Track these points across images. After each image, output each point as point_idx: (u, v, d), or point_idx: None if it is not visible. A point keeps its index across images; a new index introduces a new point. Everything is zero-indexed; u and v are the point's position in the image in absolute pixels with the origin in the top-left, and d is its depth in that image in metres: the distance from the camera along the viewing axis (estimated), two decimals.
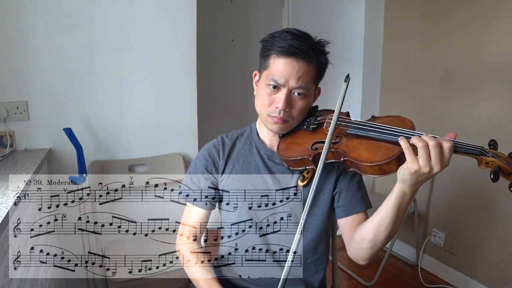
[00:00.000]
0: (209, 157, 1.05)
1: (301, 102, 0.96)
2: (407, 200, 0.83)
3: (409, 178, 0.78)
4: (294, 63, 0.91)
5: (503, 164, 0.75)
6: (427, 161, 0.75)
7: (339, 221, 1.01)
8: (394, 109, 2.45)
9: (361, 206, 0.99)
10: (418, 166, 0.76)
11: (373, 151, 0.84)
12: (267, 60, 0.95)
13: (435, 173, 0.77)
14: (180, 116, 1.88)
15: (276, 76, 0.93)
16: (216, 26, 3.06)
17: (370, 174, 0.84)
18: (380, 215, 0.86)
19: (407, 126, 0.86)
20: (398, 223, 0.86)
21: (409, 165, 0.76)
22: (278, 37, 0.93)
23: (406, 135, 0.81)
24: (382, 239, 0.87)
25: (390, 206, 0.83)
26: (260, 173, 1.03)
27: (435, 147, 0.75)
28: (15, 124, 1.59)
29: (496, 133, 1.85)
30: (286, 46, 0.91)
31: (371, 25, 2.43)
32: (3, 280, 0.91)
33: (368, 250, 0.90)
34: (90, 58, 1.67)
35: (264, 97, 0.96)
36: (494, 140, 0.80)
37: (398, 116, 0.91)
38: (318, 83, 1.00)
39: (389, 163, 0.81)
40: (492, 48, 1.86)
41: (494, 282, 1.94)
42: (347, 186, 1.00)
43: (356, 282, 2.19)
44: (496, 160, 0.76)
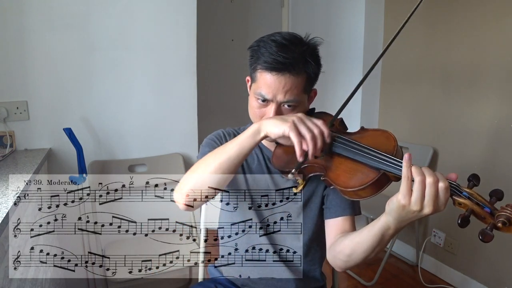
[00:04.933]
0: (224, 139, 1.04)
1: (292, 113, 0.93)
2: (390, 234, 0.78)
3: (396, 212, 0.72)
4: (281, 77, 0.87)
5: (477, 208, 0.67)
6: (419, 199, 0.68)
7: (325, 222, 1.00)
8: (394, 109, 2.45)
9: (346, 210, 0.97)
10: (408, 201, 0.69)
11: (350, 174, 0.81)
12: (254, 73, 0.93)
13: (425, 214, 0.70)
14: (180, 116, 1.88)
15: (263, 91, 0.90)
16: (216, 26, 3.07)
17: (348, 197, 0.82)
18: (360, 238, 0.83)
19: (391, 145, 0.81)
20: (376, 251, 0.82)
21: (399, 198, 0.70)
22: (264, 47, 0.89)
23: (385, 162, 0.76)
24: (358, 259, 0.85)
25: (372, 234, 0.79)
26: (262, 171, 1.03)
27: (433, 185, 0.68)
28: (15, 124, 1.59)
29: (496, 134, 1.85)
30: (270, 60, 0.87)
31: (371, 25, 2.43)
32: (3, 280, 0.91)
33: (342, 262, 0.89)
34: (90, 58, 1.67)
35: (255, 110, 0.94)
36: (475, 175, 0.71)
37: (384, 131, 0.87)
38: (310, 91, 0.97)
39: (364, 189, 0.77)
40: (492, 48, 1.86)
41: (494, 282, 1.94)
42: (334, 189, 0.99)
43: (356, 282, 2.19)
44: (468, 203, 0.68)
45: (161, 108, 1.84)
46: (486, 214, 0.67)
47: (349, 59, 2.54)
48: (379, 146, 0.81)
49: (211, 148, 0.97)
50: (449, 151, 2.10)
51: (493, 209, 0.68)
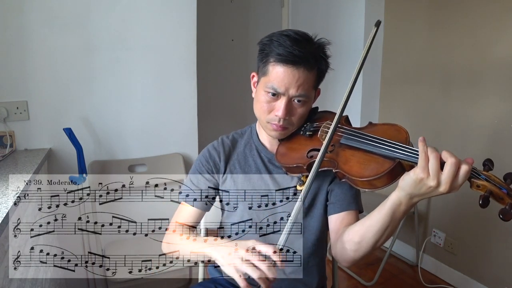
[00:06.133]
0: (210, 158, 1.05)
1: (301, 109, 0.94)
2: (401, 211, 0.77)
3: (411, 186, 0.72)
4: (294, 71, 0.88)
5: (495, 189, 0.70)
6: (437, 173, 0.69)
7: (329, 218, 1.00)
8: (394, 110, 2.45)
9: (351, 205, 0.97)
10: (427, 174, 0.69)
11: (364, 165, 0.82)
12: (265, 66, 0.92)
13: (440, 192, 0.71)
14: (180, 116, 1.88)
15: (275, 84, 0.90)
16: (216, 26, 3.07)
17: (361, 188, 0.83)
18: (370, 220, 0.82)
19: (402, 137, 0.83)
20: (387, 233, 0.81)
21: (417, 171, 0.70)
22: (277, 41, 0.89)
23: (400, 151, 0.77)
24: (368, 245, 0.83)
25: (383, 214, 0.79)
26: (261, 172, 1.03)
27: (454, 165, 0.69)
28: (15, 124, 1.59)
29: (496, 134, 1.85)
30: (286, 53, 0.87)
31: (371, 25, 2.43)
32: (3, 280, 0.92)
33: (351, 252, 0.87)
34: (90, 58, 1.67)
35: (263, 104, 0.94)
36: (490, 160, 0.74)
37: (394, 124, 0.88)
38: (318, 87, 0.99)
39: (379, 178, 0.78)
40: (492, 48, 1.86)
41: (494, 282, 1.94)
42: (339, 184, 0.99)
43: (356, 282, 2.19)
44: (487, 184, 0.71)
45: (161, 108, 1.84)
46: (504, 194, 0.70)
47: (349, 59, 2.54)
48: (391, 138, 0.82)
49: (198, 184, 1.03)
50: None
51: (509, 190, 0.71)
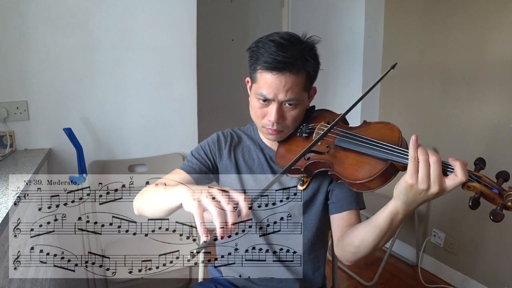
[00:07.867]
0: (217, 142, 1.07)
1: (293, 112, 0.95)
2: (399, 219, 0.79)
3: (404, 194, 0.74)
4: (281, 77, 0.89)
5: (485, 190, 0.69)
6: (426, 177, 0.70)
7: (331, 217, 1.01)
8: (394, 109, 2.45)
9: (352, 204, 0.98)
10: (416, 180, 0.71)
11: (357, 167, 0.82)
12: (254, 73, 0.94)
13: (432, 194, 0.72)
14: (180, 116, 1.88)
15: (264, 91, 0.91)
16: (216, 26, 3.07)
17: (356, 189, 0.83)
18: (369, 226, 0.84)
19: (395, 136, 0.83)
20: (387, 238, 0.83)
21: (406, 178, 0.72)
22: (262, 48, 0.90)
23: (392, 153, 0.78)
24: (367, 249, 0.86)
25: (381, 221, 0.80)
26: (263, 171, 1.03)
27: (437, 163, 0.70)
28: (15, 124, 1.59)
29: (496, 133, 1.85)
30: (270, 60, 0.88)
31: (371, 25, 2.43)
32: (3, 280, 0.92)
33: (352, 254, 0.90)
34: (90, 58, 1.67)
35: (256, 110, 0.96)
36: (481, 159, 0.73)
37: (388, 123, 0.88)
38: (310, 88, 0.99)
39: (372, 180, 0.78)
40: (492, 48, 1.86)
41: (494, 282, 1.94)
42: (339, 184, 1.00)
43: (356, 282, 2.19)
44: (477, 185, 0.69)
45: (161, 108, 1.84)
46: (495, 195, 0.69)
47: (349, 58, 2.54)
48: (384, 138, 0.83)
49: (198, 156, 1.03)
50: (448, 151, 2.10)
51: (501, 190, 0.69)
